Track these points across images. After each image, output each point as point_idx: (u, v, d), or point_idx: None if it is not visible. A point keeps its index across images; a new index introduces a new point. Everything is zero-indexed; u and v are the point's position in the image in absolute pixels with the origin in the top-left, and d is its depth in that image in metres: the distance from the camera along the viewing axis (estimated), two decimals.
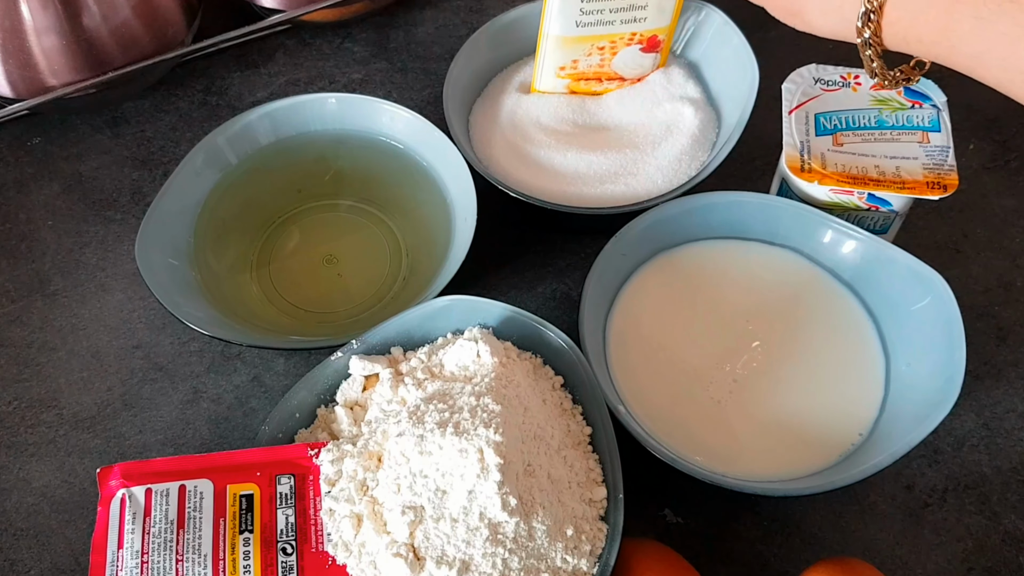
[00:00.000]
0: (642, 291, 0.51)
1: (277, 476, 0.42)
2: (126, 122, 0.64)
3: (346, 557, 0.39)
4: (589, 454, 0.43)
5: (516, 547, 0.38)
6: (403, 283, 0.54)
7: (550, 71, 0.56)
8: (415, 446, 0.39)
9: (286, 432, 0.45)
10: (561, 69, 0.56)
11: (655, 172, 0.54)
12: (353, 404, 0.45)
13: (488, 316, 0.46)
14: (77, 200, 0.61)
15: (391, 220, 0.56)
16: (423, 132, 0.55)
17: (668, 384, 0.48)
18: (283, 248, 0.56)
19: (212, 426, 0.52)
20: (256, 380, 0.53)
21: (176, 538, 0.40)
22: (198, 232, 0.54)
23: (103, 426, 0.52)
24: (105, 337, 0.55)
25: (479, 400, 0.40)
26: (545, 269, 0.57)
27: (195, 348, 0.55)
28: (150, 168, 0.62)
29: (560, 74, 0.57)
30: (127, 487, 0.41)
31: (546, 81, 0.57)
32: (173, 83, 0.66)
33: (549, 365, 0.46)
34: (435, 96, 0.64)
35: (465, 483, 0.38)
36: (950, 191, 0.48)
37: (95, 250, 0.59)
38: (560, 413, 0.44)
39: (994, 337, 0.53)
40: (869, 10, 0.39)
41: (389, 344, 0.46)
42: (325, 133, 0.58)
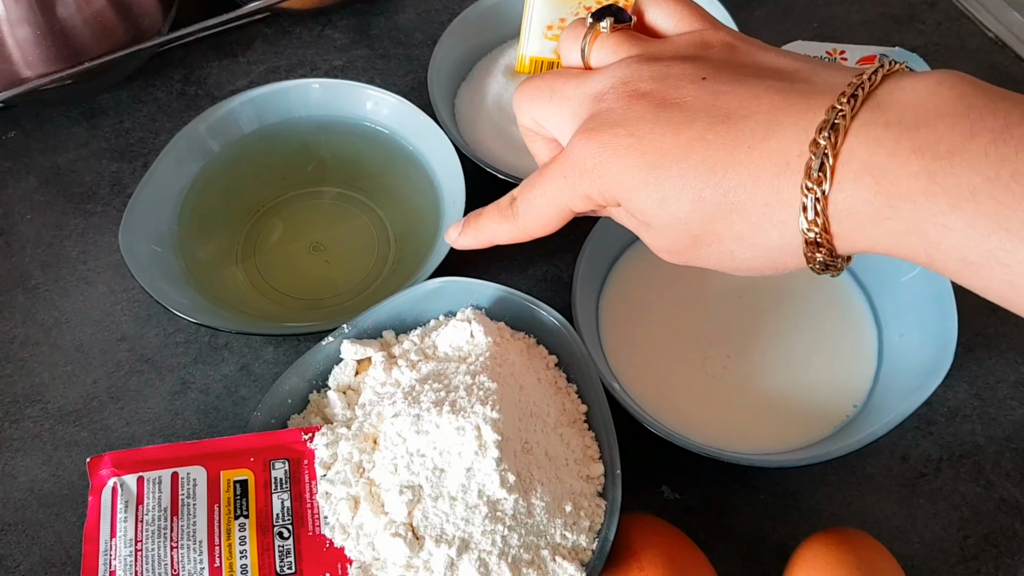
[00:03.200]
0: (634, 269, 0.51)
1: (271, 461, 0.41)
2: (103, 114, 0.64)
3: (344, 539, 0.39)
4: (585, 432, 0.42)
5: (515, 524, 0.37)
6: (392, 269, 0.53)
7: (537, 32, 0.56)
8: (411, 426, 0.39)
9: (278, 418, 0.44)
10: (549, 29, 0.56)
11: None
12: (346, 388, 0.45)
13: (480, 297, 0.46)
14: (56, 193, 0.60)
15: (378, 206, 0.56)
16: (408, 116, 0.55)
17: (662, 361, 0.48)
18: (269, 236, 0.55)
19: (201, 416, 0.51)
20: (245, 369, 0.53)
21: (170, 525, 0.39)
22: (182, 221, 0.53)
23: (90, 419, 0.51)
24: (89, 330, 0.54)
25: (475, 379, 0.40)
26: (535, 251, 0.56)
27: (181, 339, 0.54)
28: (129, 160, 0.61)
29: (548, 34, 0.56)
30: (118, 475, 0.40)
31: (533, 44, 0.57)
32: (150, 74, 0.65)
33: (543, 345, 0.45)
34: (418, 82, 0.63)
35: (463, 461, 0.37)
36: None
37: (76, 243, 0.58)
38: (555, 392, 0.43)
39: (985, 308, 0.53)
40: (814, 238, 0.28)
41: (381, 328, 0.46)
42: (309, 120, 0.57)
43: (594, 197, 0.33)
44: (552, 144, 0.38)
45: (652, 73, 0.32)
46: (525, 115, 0.37)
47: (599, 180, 0.32)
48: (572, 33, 0.36)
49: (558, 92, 0.35)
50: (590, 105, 0.33)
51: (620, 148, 0.31)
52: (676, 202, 0.30)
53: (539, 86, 0.36)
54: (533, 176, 0.36)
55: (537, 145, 0.39)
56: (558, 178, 0.34)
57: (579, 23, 0.36)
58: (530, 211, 0.36)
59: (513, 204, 0.37)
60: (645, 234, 0.34)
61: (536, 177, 0.36)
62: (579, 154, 0.32)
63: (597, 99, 0.33)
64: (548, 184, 0.35)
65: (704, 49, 0.33)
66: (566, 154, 0.33)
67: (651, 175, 0.31)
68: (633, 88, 0.32)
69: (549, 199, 0.35)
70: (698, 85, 0.31)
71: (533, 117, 0.37)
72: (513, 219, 0.37)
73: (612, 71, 0.33)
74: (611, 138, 0.31)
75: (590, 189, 0.33)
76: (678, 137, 0.30)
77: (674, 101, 0.31)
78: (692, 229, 0.31)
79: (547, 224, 0.36)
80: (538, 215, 0.36)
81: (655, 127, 0.30)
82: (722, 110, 0.30)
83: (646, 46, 0.34)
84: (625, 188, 0.31)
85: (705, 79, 0.31)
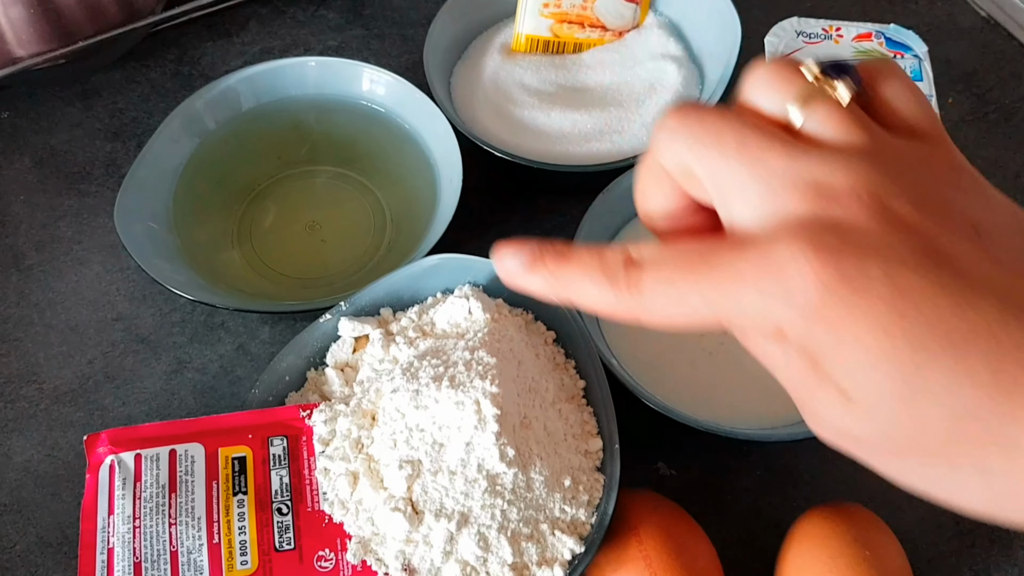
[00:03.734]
0: None
1: (269, 438, 0.41)
2: (97, 94, 0.63)
3: (343, 515, 0.39)
4: (584, 407, 0.42)
5: (515, 498, 0.37)
6: (388, 248, 0.53)
7: (533, 10, 0.56)
8: (410, 401, 0.39)
9: (276, 396, 0.44)
10: (545, 7, 0.56)
11: (640, 129, 0.54)
12: (344, 366, 0.44)
13: (478, 274, 0.45)
14: (49, 174, 0.60)
15: (374, 185, 0.56)
16: (405, 95, 0.55)
17: (659, 338, 0.48)
18: (264, 215, 0.55)
19: (198, 396, 0.51)
20: (241, 349, 0.53)
21: (168, 502, 0.39)
22: (177, 199, 0.53)
23: (85, 399, 0.51)
24: (84, 310, 0.54)
25: (473, 354, 0.40)
26: (531, 231, 0.56)
27: (177, 319, 0.54)
28: (123, 140, 0.61)
29: (544, 12, 0.56)
30: (116, 453, 0.40)
31: (529, 22, 0.57)
32: (144, 54, 0.65)
33: (541, 321, 0.45)
34: (413, 62, 0.63)
35: (462, 435, 0.37)
36: None
37: (70, 223, 0.57)
38: (553, 367, 0.43)
39: None
40: None
41: (378, 305, 0.46)
42: (305, 98, 0.57)
43: (787, 333, 0.23)
44: (684, 201, 0.28)
45: (911, 194, 0.23)
46: (673, 157, 0.27)
47: (818, 325, 0.23)
48: (780, 76, 0.26)
49: (753, 153, 0.25)
50: (812, 199, 0.24)
51: (872, 298, 0.22)
52: (929, 405, 0.22)
53: (717, 129, 0.26)
54: (683, 252, 0.25)
55: (661, 192, 0.28)
56: (735, 282, 0.24)
57: (791, 67, 0.26)
58: (662, 298, 0.25)
59: (636, 273, 0.26)
60: (832, 408, 0.24)
61: (691, 258, 0.25)
62: (796, 272, 0.23)
63: (827, 196, 0.24)
64: (715, 283, 0.24)
65: (953, 176, 0.25)
66: (764, 257, 0.23)
67: (910, 356, 0.22)
68: (886, 207, 0.23)
69: (706, 300, 0.24)
70: (972, 243, 0.23)
71: (686, 164, 0.26)
72: (628, 293, 0.26)
73: (849, 164, 0.24)
74: (860, 277, 0.22)
75: (790, 324, 0.23)
76: (959, 317, 0.22)
77: (948, 257, 0.22)
78: (924, 441, 0.23)
79: (676, 323, 0.26)
80: (673, 308, 0.25)
81: (926, 288, 0.22)
82: (1015, 297, 0.22)
83: (885, 141, 0.25)
84: (858, 355, 0.22)
85: (978, 234, 0.23)
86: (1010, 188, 0.57)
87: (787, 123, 0.26)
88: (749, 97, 0.27)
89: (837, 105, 0.25)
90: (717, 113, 0.26)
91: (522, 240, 0.28)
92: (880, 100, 0.26)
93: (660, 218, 0.29)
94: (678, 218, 0.28)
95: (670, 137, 0.26)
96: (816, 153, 0.24)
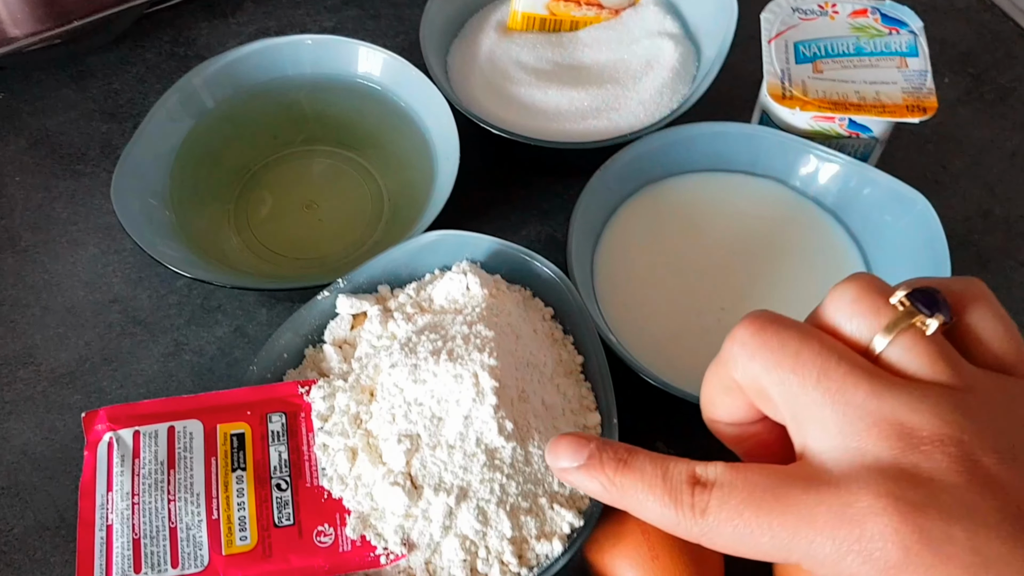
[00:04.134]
0: (628, 224, 0.51)
1: (268, 415, 0.41)
2: (92, 75, 0.63)
3: (342, 490, 0.39)
4: (582, 382, 0.42)
5: (513, 472, 0.37)
6: (385, 227, 0.53)
7: None
8: (409, 375, 0.38)
9: (274, 373, 0.44)
10: None
11: (637, 106, 0.53)
12: (342, 343, 0.44)
13: (476, 250, 0.45)
14: (45, 155, 0.59)
15: (371, 164, 0.56)
16: (402, 73, 0.55)
17: (657, 315, 0.48)
18: (261, 196, 0.55)
19: (195, 378, 0.51)
20: (238, 331, 0.52)
21: (167, 478, 0.39)
22: (174, 178, 0.53)
23: (82, 381, 0.51)
24: (80, 292, 0.54)
25: (471, 328, 0.40)
26: (529, 211, 0.56)
27: (174, 301, 0.53)
28: (119, 121, 0.61)
29: None
30: (114, 430, 0.40)
31: (525, 0, 0.56)
32: (139, 36, 0.64)
33: (539, 297, 0.45)
34: (409, 43, 0.63)
35: (461, 409, 0.37)
36: (930, 113, 0.48)
37: (66, 204, 0.57)
38: (551, 343, 0.43)
39: (975, 264, 0.54)
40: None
41: (376, 283, 0.46)
42: (301, 77, 0.57)
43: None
44: (753, 414, 0.27)
45: (998, 444, 0.23)
46: (747, 374, 0.26)
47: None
48: (867, 301, 0.25)
49: (835, 384, 0.24)
50: (895, 441, 0.23)
51: (954, 567, 0.21)
52: None
53: (797, 353, 0.24)
54: (754, 483, 0.24)
55: (731, 404, 0.28)
56: (809, 527, 0.23)
57: (876, 291, 0.25)
58: (729, 529, 0.24)
59: (703, 497, 0.25)
60: None
61: (763, 492, 0.24)
62: (875, 528, 0.22)
63: (910, 440, 0.23)
64: (787, 525, 0.23)
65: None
66: (841, 505, 0.22)
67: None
68: (973, 460, 0.22)
69: (775, 541, 0.23)
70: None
71: (762, 385, 0.25)
72: (692, 517, 0.25)
73: (935, 408, 0.23)
74: (943, 541, 0.21)
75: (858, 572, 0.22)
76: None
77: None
78: None
79: (741, 550, 0.25)
80: (739, 543, 0.24)
81: (1008, 557, 0.21)
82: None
83: (972, 378, 0.24)
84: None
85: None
86: (1006, 167, 0.58)
87: (868, 348, 0.25)
88: (832, 317, 0.25)
89: (922, 335, 0.24)
90: (797, 334, 0.25)
91: (581, 436, 0.28)
92: (966, 327, 0.25)
93: (725, 426, 0.28)
94: (744, 428, 0.28)
95: (748, 356, 0.25)
96: (901, 390, 0.23)
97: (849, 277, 0.26)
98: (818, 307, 0.26)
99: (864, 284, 0.25)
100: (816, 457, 0.24)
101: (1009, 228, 0.55)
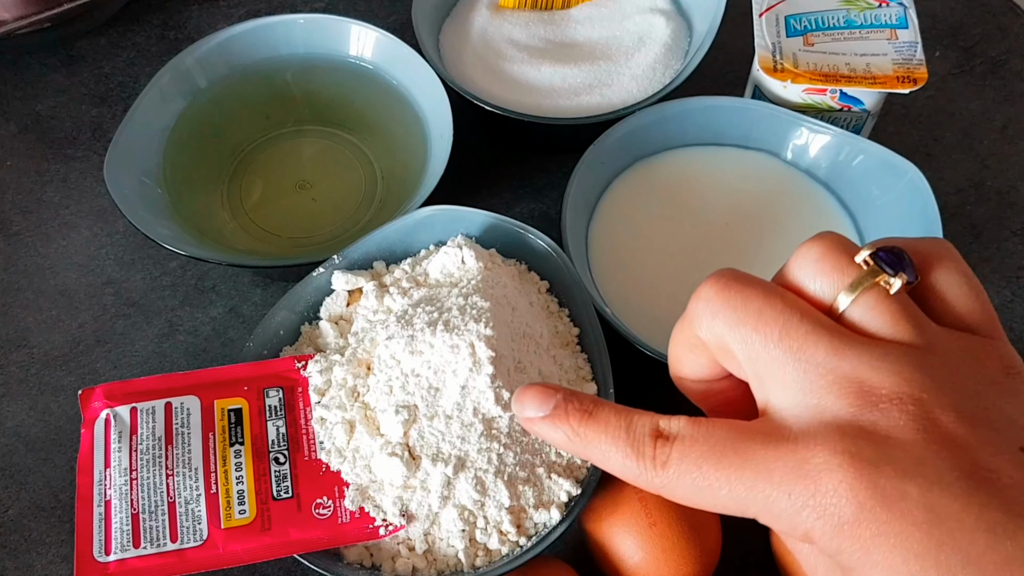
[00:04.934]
0: (622, 198, 0.51)
1: (265, 389, 0.41)
2: (82, 60, 0.62)
3: (340, 463, 0.39)
4: (578, 353, 0.43)
5: (511, 441, 0.38)
6: (379, 205, 0.53)
7: None
8: (405, 347, 0.38)
9: (270, 350, 0.44)
10: None
11: (630, 82, 0.53)
12: (338, 319, 0.44)
13: (471, 225, 0.45)
14: (35, 140, 0.59)
15: (364, 143, 0.56)
16: (394, 52, 0.54)
17: (651, 288, 0.48)
18: (254, 176, 0.55)
19: (190, 358, 0.51)
20: (233, 311, 0.52)
21: (165, 454, 0.39)
22: (166, 158, 0.53)
23: (76, 363, 0.51)
24: (73, 275, 0.54)
25: (467, 299, 0.40)
26: (522, 189, 0.56)
27: (168, 282, 0.53)
28: (110, 105, 0.60)
29: None
30: (111, 407, 0.40)
31: None
32: (128, 19, 0.64)
33: (534, 271, 0.45)
34: (401, 23, 0.63)
35: (458, 379, 0.37)
36: (920, 84, 0.48)
37: (57, 188, 0.57)
38: (547, 315, 0.43)
39: (968, 235, 0.54)
40: None
41: (371, 259, 0.46)
42: (293, 57, 0.56)
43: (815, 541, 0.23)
44: (718, 371, 0.27)
45: (956, 402, 0.23)
46: (711, 332, 0.26)
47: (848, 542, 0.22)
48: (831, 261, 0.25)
49: (796, 343, 0.24)
50: (853, 399, 0.23)
51: (907, 524, 0.21)
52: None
53: (760, 312, 0.25)
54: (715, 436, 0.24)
55: (696, 361, 0.28)
56: (765, 482, 0.23)
57: (841, 250, 0.25)
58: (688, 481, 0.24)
59: (664, 449, 0.25)
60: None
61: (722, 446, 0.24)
62: (830, 485, 0.22)
63: (869, 398, 0.23)
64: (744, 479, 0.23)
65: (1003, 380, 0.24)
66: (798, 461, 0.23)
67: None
68: (930, 418, 0.22)
69: (733, 494, 0.24)
70: (1017, 461, 0.22)
71: (726, 343, 0.25)
72: (653, 468, 0.25)
73: (894, 365, 0.23)
74: (897, 498, 0.21)
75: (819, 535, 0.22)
76: (994, 549, 0.21)
77: (989, 477, 0.22)
78: None
79: (700, 506, 0.25)
80: (698, 495, 0.24)
81: (963, 514, 0.21)
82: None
83: (934, 337, 0.24)
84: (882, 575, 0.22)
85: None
86: (997, 139, 0.58)
87: (831, 306, 0.25)
88: (796, 276, 0.25)
89: (885, 294, 0.24)
90: (760, 292, 0.25)
91: (546, 386, 0.28)
92: (931, 286, 0.25)
93: (691, 383, 0.29)
94: (710, 384, 0.28)
95: (711, 313, 0.25)
96: (862, 348, 0.23)
97: (815, 236, 0.26)
98: (784, 266, 0.26)
99: (829, 243, 0.25)
100: (777, 414, 0.24)
101: (1001, 199, 0.55)
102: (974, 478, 0.21)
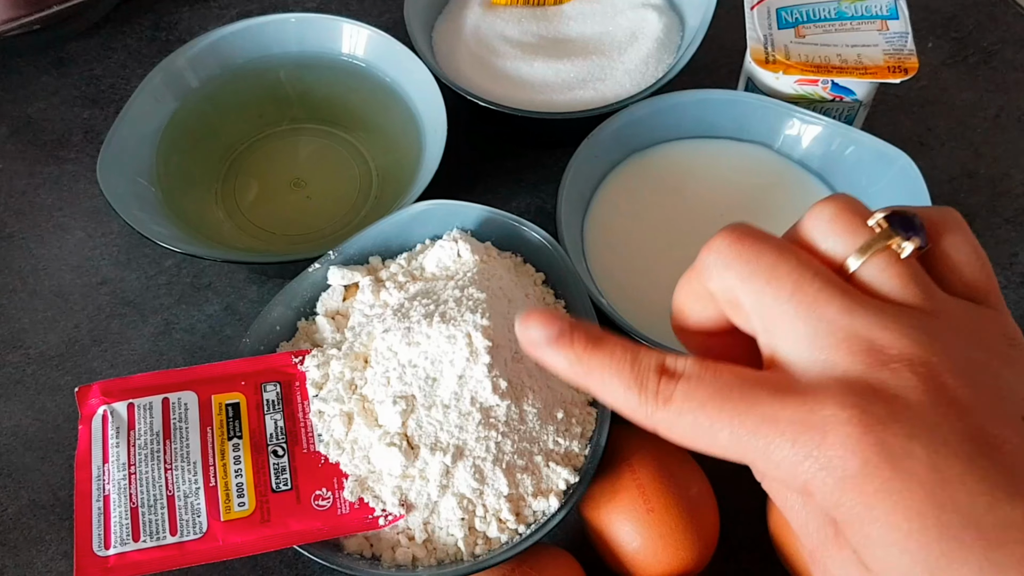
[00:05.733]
0: (616, 192, 0.51)
1: (262, 384, 0.41)
2: (72, 62, 0.62)
3: (338, 455, 0.39)
4: None
5: (508, 430, 0.38)
6: (374, 202, 0.53)
7: None
8: (402, 339, 0.38)
9: (267, 346, 0.44)
10: None
11: (623, 76, 0.54)
12: (334, 314, 0.44)
13: (466, 219, 0.45)
14: (27, 142, 0.59)
15: (358, 140, 0.56)
16: (387, 49, 0.55)
17: (647, 280, 0.48)
18: (248, 174, 0.55)
19: (187, 356, 0.51)
20: (229, 309, 0.52)
21: (163, 448, 0.39)
22: (160, 158, 0.53)
23: (73, 363, 0.51)
24: (68, 276, 0.54)
25: (463, 291, 0.40)
26: (518, 184, 0.56)
27: (163, 280, 0.53)
28: (101, 106, 0.60)
29: None
30: (108, 403, 0.40)
31: None
32: (119, 21, 0.64)
33: (530, 264, 0.45)
34: (393, 21, 0.63)
35: (455, 369, 0.38)
36: (911, 74, 0.48)
37: (50, 190, 0.57)
38: (543, 306, 0.43)
39: None
40: None
41: (367, 254, 0.46)
42: (286, 56, 0.56)
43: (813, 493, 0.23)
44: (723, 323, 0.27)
45: (963, 368, 0.23)
46: (721, 284, 0.26)
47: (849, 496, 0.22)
48: (845, 221, 0.25)
49: (808, 299, 0.24)
50: (863, 357, 0.23)
51: (912, 482, 0.22)
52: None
53: (773, 266, 0.24)
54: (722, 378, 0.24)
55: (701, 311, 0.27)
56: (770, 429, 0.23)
57: (854, 212, 0.25)
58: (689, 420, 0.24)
59: (669, 385, 0.24)
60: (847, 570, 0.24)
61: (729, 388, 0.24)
62: (837, 438, 0.22)
63: (879, 357, 0.23)
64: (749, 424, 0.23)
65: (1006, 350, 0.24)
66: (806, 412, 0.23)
67: (940, 546, 0.21)
68: (938, 381, 0.22)
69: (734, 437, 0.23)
70: (1019, 428, 0.22)
71: (735, 295, 0.25)
72: (655, 403, 0.25)
73: (904, 327, 0.23)
74: (903, 457, 0.22)
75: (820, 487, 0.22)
76: (994, 514, 0.21)
77: (993, 443, 0.22)
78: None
79: (696, 448, 0.25)
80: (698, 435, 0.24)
81: (967, 477, 0.21)
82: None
83: (942, 303, 0.24)
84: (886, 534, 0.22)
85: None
86: (989, 128, 0.58)
87: (842, 266, 0.25)
88: (809, 234, 0.26)
89: (896, 257, 0.24)
90: (774, 247, 0.25)
91: (554, 312, 0.27)
92: (940, 253, 0.25)
93: (692, 335, 0.28)
94: (710, 338, 0.28)
95: (723, 265, 0.25)
96: (872, 308, 0.23)
97: (829, 197, 0.26)
98: (796, 224, 0.26)
99: (843, 204, 0.26)
100: (785, 366, 0.24)
101: (994, 187, 0.56)
102: (978, 442, 0.22)
